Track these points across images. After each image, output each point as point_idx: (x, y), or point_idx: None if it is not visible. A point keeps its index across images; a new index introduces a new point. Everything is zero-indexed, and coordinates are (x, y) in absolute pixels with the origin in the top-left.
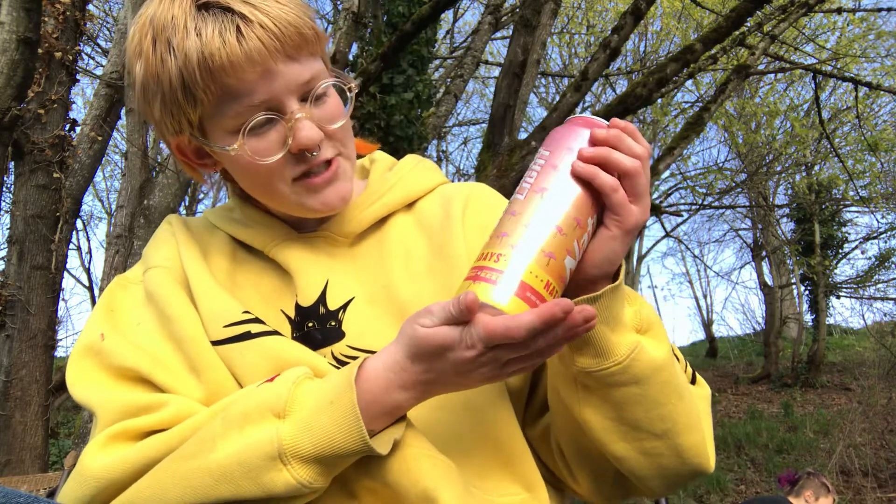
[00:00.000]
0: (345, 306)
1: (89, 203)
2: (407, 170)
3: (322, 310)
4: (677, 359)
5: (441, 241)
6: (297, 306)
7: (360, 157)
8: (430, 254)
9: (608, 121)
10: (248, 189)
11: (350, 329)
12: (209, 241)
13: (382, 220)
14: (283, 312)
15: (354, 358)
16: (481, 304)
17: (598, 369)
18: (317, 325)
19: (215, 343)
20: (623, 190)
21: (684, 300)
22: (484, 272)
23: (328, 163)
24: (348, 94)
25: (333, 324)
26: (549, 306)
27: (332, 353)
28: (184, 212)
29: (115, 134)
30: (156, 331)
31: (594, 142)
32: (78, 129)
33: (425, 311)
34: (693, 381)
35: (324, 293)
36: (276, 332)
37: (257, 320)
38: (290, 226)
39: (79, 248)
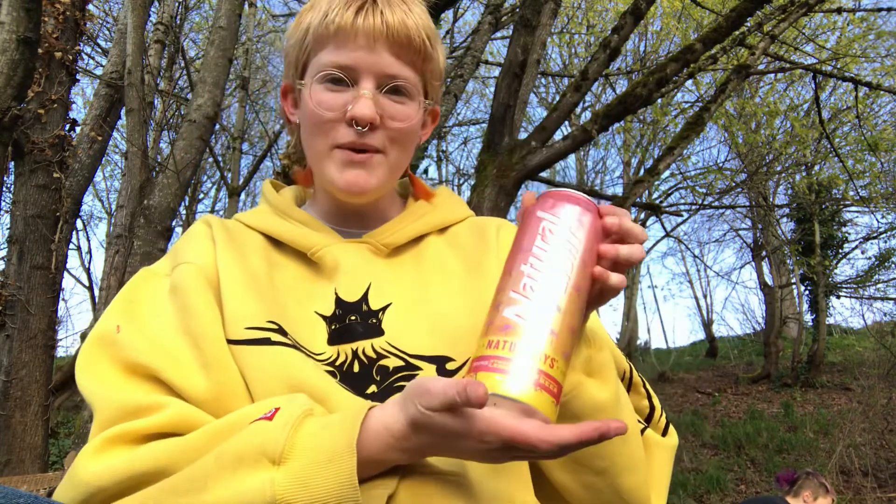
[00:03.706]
0: (384, 309)
1: (89, 203)
2: (444, 198)
3: (364, 307)
4: (653, 407)
5: (476, 261)
6: (340, 300)
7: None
8: (464, 273)
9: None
10: (305, 141)
11: (389, 329)
12: (245, 242)
13: (418, 239)
14: (318, 314)
15: (393, 355)
16: (492, 396)
17: None
18: (359, 319)
19: (232, 342)
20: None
21: (684, 300)
22: (492, 361)
23: (371, 150)
24: (428, 121)
25: (374, 321)
26: (589, 429)
27: (373, 346)
28: (184, 212)
29: (115, 134)
30: (174, 324)
31: (605, 231)
32: (78, 129)
33: (423, 390)
34: (664, 432)
35: (366, 293)
36: (295, 347)
37: (281, 331)
38: (335, 232)
39: (79, 248)
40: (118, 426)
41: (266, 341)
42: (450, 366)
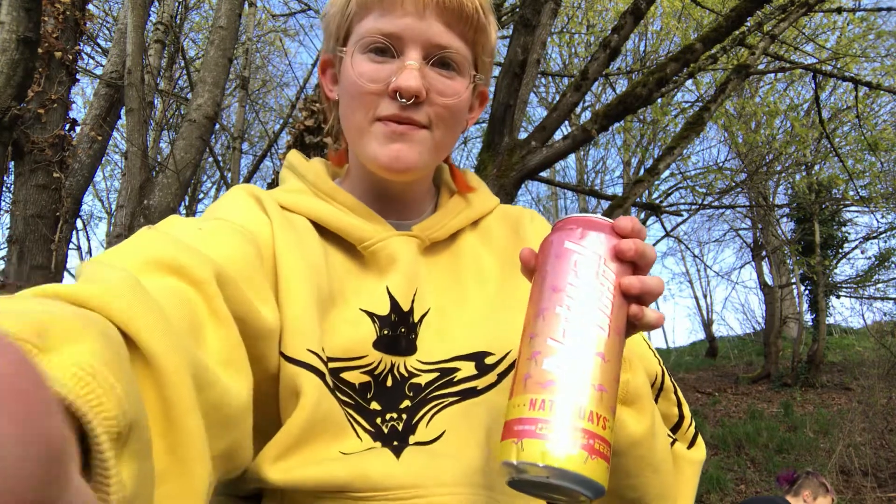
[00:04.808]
0: (422, 319)
1: (89, 203)
2: (476, 188)
3: (411, 319)
4: (682, 416)
5: (513, 259)
6: (396, 305)
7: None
8: (500, 271)
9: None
10: (344, 116)
11: (422, 345)
12: (300, 227)
13: (453, 236)
14: (365, 311)
15: (424, 372)
16: (545, 468)
17: None
18: (406, 333)
19: (288, 358)
20: None
21: (684, 300)
22: (537, 426)
23: (415, 124)
24: (476, 104)
25: (413, 336)
26: None
27: (405, 364)
28: (184, 212)
29: (115, 134)
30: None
31: (616, 254)
32: (78, 129)
33: None
34: (692, 443)
35: (413, 301)
36: (333, 391)
37: (325, 362)
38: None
39: (79, 248)
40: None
41: (321, 376)
42: (489, 360)
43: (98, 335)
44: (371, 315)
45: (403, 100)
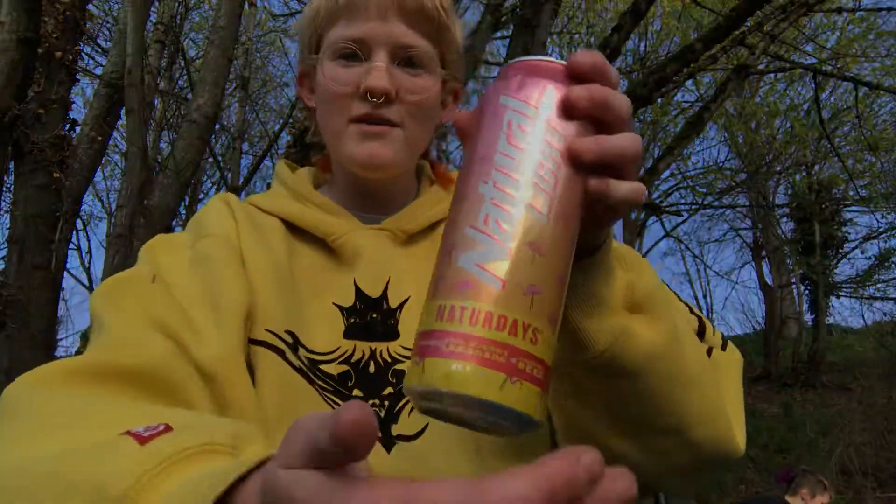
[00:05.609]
0: (401, 306)
1: (89, 203)
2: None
3: (385, 304)
4: (700, 321)
5: None
6: (361, 293)
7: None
8: None
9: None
10: (321, 121)
11: (404, 330)
12: (265, 226)
13: (433, 226)
14: (336, 305)
15: (408, 358)
16: (451, 395)
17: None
18: (379, 318)
19: (250, 341)
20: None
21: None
22: (445, 341)
23: (388, 123)
24: (449, 100)
25: (392, 322)
26: (561, 473)
27: (388, 350)
28: (184, 212)
29: (115, 134)
30: (198, 295)
31: (565, 107)
32: (78, 129)
33: (292, 430)
34: (723, 347)
35: (386, 289)
36: (303, 372)
37: (294, 346)
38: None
39: (79, 248)
40: (86, 358)
41: (281, 353)
42: None
43: (259, 435)
44: (339, 308)
45: (374, 99)
